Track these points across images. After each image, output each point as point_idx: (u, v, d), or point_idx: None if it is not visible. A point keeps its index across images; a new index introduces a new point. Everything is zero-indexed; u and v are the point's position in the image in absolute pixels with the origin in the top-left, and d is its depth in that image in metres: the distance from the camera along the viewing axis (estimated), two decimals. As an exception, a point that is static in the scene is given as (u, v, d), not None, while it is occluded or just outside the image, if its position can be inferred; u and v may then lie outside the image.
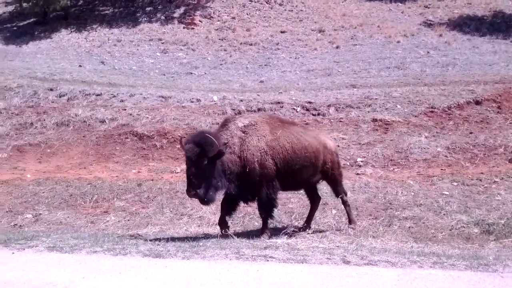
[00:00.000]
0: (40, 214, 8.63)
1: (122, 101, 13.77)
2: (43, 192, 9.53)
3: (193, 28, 22.46)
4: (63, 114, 13.06)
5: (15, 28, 24.26)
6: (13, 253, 5.73)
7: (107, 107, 13.42)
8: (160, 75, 17.88)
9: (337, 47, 20.12)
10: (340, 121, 12.45)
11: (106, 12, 24.89)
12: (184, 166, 10.22)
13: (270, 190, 7.05)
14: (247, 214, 8.32)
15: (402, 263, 5.05)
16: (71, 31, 22.98)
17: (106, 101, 13.79)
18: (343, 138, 11.46)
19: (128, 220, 8.28)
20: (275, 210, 7.29)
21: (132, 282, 4.63)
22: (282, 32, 22.05)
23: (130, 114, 12.89)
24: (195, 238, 6.80)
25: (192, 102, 13.39)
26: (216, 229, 7.49)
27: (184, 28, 22.59)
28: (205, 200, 6.67)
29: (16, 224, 8.27)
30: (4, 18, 25.96)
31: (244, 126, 7.04)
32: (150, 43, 21.39)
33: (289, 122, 8.16)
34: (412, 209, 8.21)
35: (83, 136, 12.21)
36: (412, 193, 8.95)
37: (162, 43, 21.26)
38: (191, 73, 18.07)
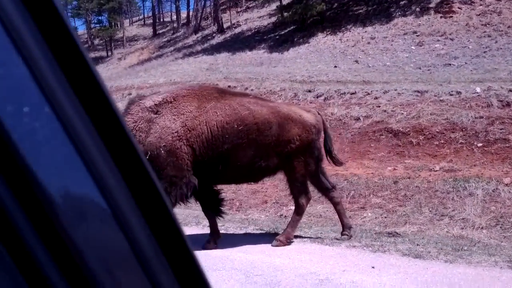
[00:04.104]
0: (302, 206, 9.26)
1: (376, 98, 13.74)
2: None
3: (451, 17, 20.95)
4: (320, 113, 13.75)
5: (277, 37, 26.79)
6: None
7: (361, 104, 13.58)
8: (415, 69, 17.21)
9: None
10: None
11: (360, 11, 25.31)
12: (443, 164, 9.68)
13: (174, 189, 5.34)
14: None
15: None
16: (326, 34, 24.13)
17: (360, 99, 13.96)
18: None
19: (385, 217, 8.18)
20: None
21: (391, 280, 4.51)
22: None
23: (385, 111, 12.75)
24: (457, 241, 6.28)
25: (451, 95, 12.45)
26: (482, 233, 6.78)
27: (441, 17, 21.27)
28: None
29: (281, 215, 9.06)
30: (268, 28, 28.99)
31: (155, 105, 5.50)
32: (404, 37, 20.83)
33: (236, 94, 6.19)
34: None
35: (339, 134, 12.62)
36: None
37: (417, 35, 20.45)
38: (450, 64, 16.86)
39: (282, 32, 27.07)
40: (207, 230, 6.99)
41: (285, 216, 8.96)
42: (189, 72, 22.45)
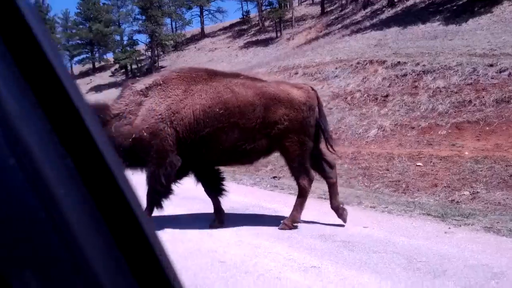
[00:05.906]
0: (477, 192, 8.46)
1: None
2: (481, 171, 9.29)
3: None
4: (503, 90, 12.31)
5: (454, 7, 24.60)
6: (449, 228, 5.80)
7: (556, 80, 11.80)
8: None
9: None
10: None
11: (557, -28, 21.86)
12: None
13: (160, 170, 5.46)
14: None
15: None
16: (513, 2, 21.43)
17: (555, 74, 12.13)
18: None
19: None
20: (164, 198, 5.69)
21: None
22: None
23: None
24: None
25: None
26: None
27: None
28: None
29: (453, 200, 8.39)
30: (445, -1, 26.77)
31: (146, 88, 5.68)
32: None
33: (226, 75, 6.01)
34: None
35: (524, 115, 11.18)
36: None
37: None
38: None
39: (460, 2, 24.78)
40: (368, 211, 6.85)
41: (457, 201, 8.30)
42: (356, 49, 21.94)
